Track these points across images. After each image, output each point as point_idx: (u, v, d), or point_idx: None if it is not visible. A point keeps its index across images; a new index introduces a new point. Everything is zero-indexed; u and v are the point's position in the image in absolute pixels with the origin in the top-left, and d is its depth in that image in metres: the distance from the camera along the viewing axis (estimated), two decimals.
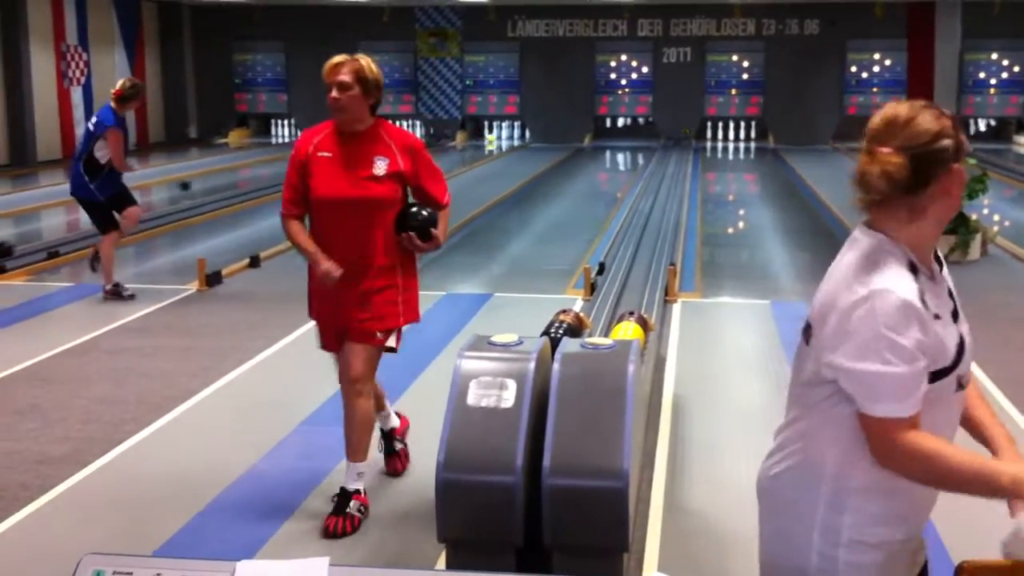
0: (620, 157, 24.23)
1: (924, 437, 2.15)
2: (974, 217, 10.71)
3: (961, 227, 10.38)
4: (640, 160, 22.42)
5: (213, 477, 5.02)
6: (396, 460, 5.06)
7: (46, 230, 13.15)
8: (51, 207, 14.64)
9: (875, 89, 25.47)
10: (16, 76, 19.88)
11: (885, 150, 2.17)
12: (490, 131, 23.44)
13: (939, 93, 24.95)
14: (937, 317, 2.19)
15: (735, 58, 25.84)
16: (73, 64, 21.71)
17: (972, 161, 11.08)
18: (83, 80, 22.04)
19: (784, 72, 25.29)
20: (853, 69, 25.51)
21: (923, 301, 2.15)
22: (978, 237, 10.56)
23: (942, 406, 2.24)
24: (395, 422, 5.09)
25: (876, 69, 25.47)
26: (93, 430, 5.75)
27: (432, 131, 26.56)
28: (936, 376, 2.18)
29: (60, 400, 6.24)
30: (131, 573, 2.32)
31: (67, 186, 9.19)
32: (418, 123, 27.09)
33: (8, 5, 19.80)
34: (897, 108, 2.24)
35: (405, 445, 5.12)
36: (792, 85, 25.31)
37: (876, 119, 2.25)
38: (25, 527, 4.53)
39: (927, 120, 2.19)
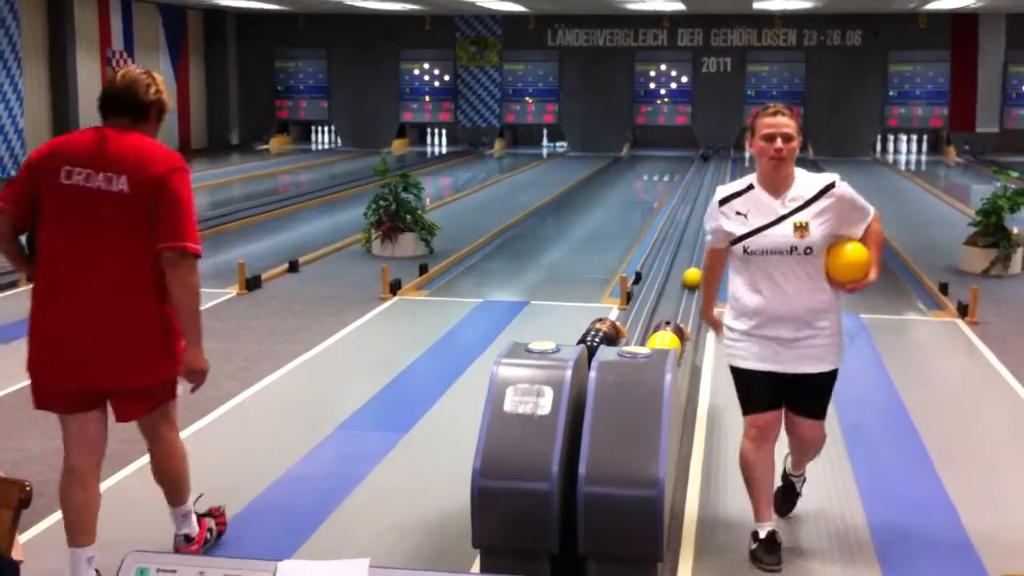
0: (658, 167, 24.16)
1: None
2: (1015, 231, 10.58)
3: (1002, 241, 10.26)
4: (678, 169, 22.34)
5: (252, 478, 5.07)
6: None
7: None
8: None
9: (917, 100, 25.24)
10: (62, 81, 20.16)
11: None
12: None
13: (982, 105, 24.69)
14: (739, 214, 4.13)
15: (776, 68, 25.72)
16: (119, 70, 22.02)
17: (1014, 174, 10.97)
18: None
19: (825, 83, 25.11)
20: (895, 80, 25.29)
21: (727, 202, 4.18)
22: (1019, 251, 10.44)
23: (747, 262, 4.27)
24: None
25: (918, 80, 25.23)
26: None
27: (470, 140, 26.57)
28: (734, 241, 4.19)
29: None
30: (175, 571, 2.35)
31: None
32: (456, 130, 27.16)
33: (55, 11, 20.09)
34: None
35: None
36: (833, 96, 25.13)
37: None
38: None
39: None
